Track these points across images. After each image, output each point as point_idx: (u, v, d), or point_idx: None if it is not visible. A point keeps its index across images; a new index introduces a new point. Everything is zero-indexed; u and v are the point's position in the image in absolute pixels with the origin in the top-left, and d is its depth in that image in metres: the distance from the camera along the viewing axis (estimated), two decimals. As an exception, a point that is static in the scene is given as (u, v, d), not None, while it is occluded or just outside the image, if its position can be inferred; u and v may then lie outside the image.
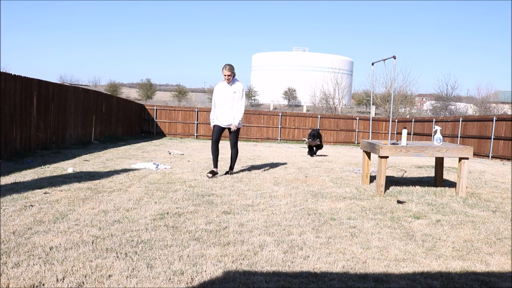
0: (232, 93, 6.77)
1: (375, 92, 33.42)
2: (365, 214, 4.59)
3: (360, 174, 7.54)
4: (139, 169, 7.44)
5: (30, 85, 9.51)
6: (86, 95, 13.62)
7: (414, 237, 3.76)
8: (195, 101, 58.67)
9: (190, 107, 23.68)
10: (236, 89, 6.81)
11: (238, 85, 6.84)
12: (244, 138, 22.92)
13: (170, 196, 5.13)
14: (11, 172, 6.41)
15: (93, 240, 3.29)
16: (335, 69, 41.51)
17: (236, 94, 6.80)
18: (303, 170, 8.08)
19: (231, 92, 6.78)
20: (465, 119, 17.39)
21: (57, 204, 4.42)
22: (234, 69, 6.75)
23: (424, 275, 2.88)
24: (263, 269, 2.86)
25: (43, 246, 3.10)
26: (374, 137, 22.89)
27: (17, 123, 8.90)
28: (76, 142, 12.44)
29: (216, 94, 6.94)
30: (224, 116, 6.84)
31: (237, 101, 6.83)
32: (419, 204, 5.17)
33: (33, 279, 2.53)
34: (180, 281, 2.61)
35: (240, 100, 6.83)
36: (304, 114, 24.46)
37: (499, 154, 14.82)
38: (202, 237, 3.51)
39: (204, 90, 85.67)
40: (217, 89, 6.94)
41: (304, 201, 5.15)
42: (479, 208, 5.06)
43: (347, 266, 2.98)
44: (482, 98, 41.07)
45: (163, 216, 4.14)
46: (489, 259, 3.27)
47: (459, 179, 5.82)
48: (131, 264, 2.83)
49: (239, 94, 6.81)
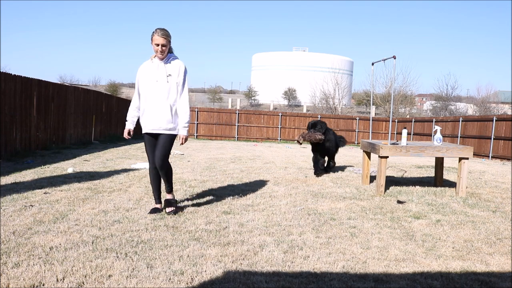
0: (166, 76, 4.10)
1: (375, 92, 33.44)
2: (365, 214, 4.59)
3: (360, 174, 7.53)
4: (139, 169, 7.44)
5: (30, 85, 9.51)
6: (86, 95, 13.62)
7: (414, 237, 3.76)
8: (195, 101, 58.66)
9: (190, 107, 23.63)
10: (173, 71, 4.12)
11: (177, 64, 4.16)
12: (244, 138, 22.94)
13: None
14: (11, 172, 6.41)
15: (93, 240, 3.29)
16: (335, 69, 41.54)
17: (173, 78, 4.10)
18: (303, 170, 8.08)
19: (164, 74, 4.11)
20: (465, 119, 17.39)
21: (57, 204, 4.41)
22: (170, 37, 4.13)
23: (424, 275, 2.88)
24: (263, 269, 2.86)
25: (43, 246, 3.10)
26: (374, 137, 22.89)
27: (17, 123, 8.90)
28: (76, 142, 12.44)
29: (140, 80, 4.20)
30: (154, 116, 4.14)
31: (176, 90, 4.12)
32: (419, 204, 5.17)
33: (33, 279, 2.53)
34: (180, 281, 2.61)
35: (181, 90, 4.18)
36: (304, 114, 24.47)
37: (499, 154, 14.82)
38: (202, 237, 3.51)
39: (204, 90, 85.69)
40: (141, 72, 4.20)
41: (304, 201, 5.15)
42: (479, 208, 5.06)
43: (347, 266, 2.98)
44: (482, 98, 41.08)
45: (163, 216, 4.14)
46: (489, 259, 3.27)
47: (459, 179, 5.82)
48: (131, 264, 2.83)
49: (179, 78, 4.14)
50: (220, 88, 79.46)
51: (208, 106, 44.35)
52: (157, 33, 4.02)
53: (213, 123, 22.65)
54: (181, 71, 4.14)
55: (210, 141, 20.05)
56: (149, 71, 4.12)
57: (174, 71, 4.10)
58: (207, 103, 62.28)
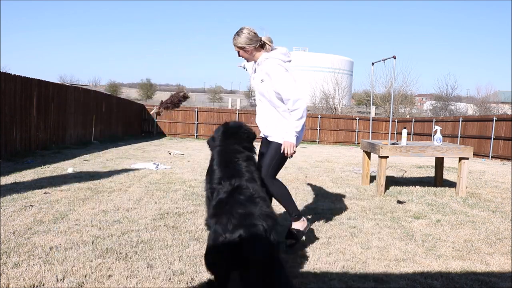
0: (259, 83, 3.34)
1: (375, 92, 33.44)
2: (365, 214, 4.59)
3: (360, 174, 7.53)
4: (139, 169, 7.44)
5: (30, 85, 9.51)
6: (86, 95, 13.62)
7: (414, 237, 3.76)
8: (195, 101, 58.66)
9: (190, 107, 23.67)
10: (264, 75, 3.26)
11: (267, 67, 3.25)
12: (244, 138, 22.89)
13: (170, 196, 5.13)
14: (11, 172, 6.40)
15: (93, 240, 3.29)
16: (335, 69, 41.51)
17: (265, 85, 3.27)
18: (303, 170, 8.07)
19: (257, 81, 3.36)
20: (465, 119, 17.39)
21: (57, 204, 4.41)
22: (252, 35, 3.25)
23: (424, 275, 2.88)
24: (263, 269, 2.86)
25: (43, 246, 3.10)
26: (374, 137, 22.88)
27: (17, 123, 8.90)
28: (76, 142, 12.43)
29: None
30: (259, 122, 3.59)
31: (270, 99, 3.29)
32: (419, 204, 5.17)
33: (33, 279, 2.53)
34: (180, 281, 2.60)
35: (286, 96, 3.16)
36: (304, 114, 24.44)
37: (499, 154, 14.82)
38: (202, 237, 3.51)
39: (204, 90, 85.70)
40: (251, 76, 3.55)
41: (304, 201, 5.14)
42: (479, 208, 5.06)
43: (347, 266, 2.98)
44: (482, 98, 41.03)
45: (163, 216, 4.14)
46: (489, 259, 3.27)
47: (459, 179, 5.82)
48: (131, 264, 2.83)
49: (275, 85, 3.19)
50: (220, 88, 79.42)
51: (208, 106, 44.34)
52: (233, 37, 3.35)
53: (213, 123, 22.63)
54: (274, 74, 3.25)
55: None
56: (251, 77, 3.58)
57: (265, 76, 3.31)
58: (207, 103, 62.26)
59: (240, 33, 3.27)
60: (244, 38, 3.25)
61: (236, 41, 3.29)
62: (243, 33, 3.26)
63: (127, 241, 3.30)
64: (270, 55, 3.29)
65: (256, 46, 3.29)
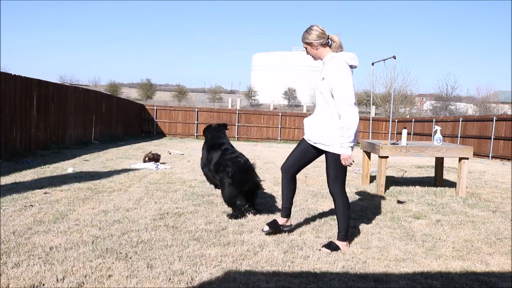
0: (320, 81, 3.39)
1: (375, 92, 33.41)
2: (365, 214, 4.59)
3: (360, 174, 7.53)
4: (139, 169, 7.44)
5: (30, 85, 9.51)
6: (86, 95, 13.62)
7: (414, 237, 3.76)
8: (195, 101, 58.67)
9: (190, 107, 23.69)
10: (326, 72, 3.32)
11: (330, 65, 3.31)
12: (244, 138, 22.94)
13: (170, 196, 5.13)
14: (11, 172, 6.40)
15: (93, 240, 3.29)
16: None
17: (325, 83, 3.31)
18: (303, 170, 8.07)
19: (319, 79, 3.41)
20: (465, 119, 17.39)
21: (57, 204, 4.41)
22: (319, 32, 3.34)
23: (424, 275, 2.88)
24: (263, 269, 2.86)
25: (43, 246, 3.10)
26: (374, 137, 22.88)
27: (17, 123, 8.90)
28: (76, 142, 12.44)
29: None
30: (308, 125, 3.52)
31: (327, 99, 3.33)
32: (419, 204, 5.17)
33: (33, 279, 2.53)
34: (180, 281, 2.60)
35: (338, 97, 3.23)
36: (304, 114, 24.48)
37: (499, 154, 14.82)
38: (202, 237, 3.51)
39: (204, 90, 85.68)
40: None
41: (304, 201, 5.15)
42: (479, 208, 5.06)
43: (347, 266, 2.98)
44: (482, 98, 41.04)
45: (163, 216, 4.14)
46: (489, 259, 3.27)
47: (459, 179, 5.82)
48: (131, 264, 2.83)
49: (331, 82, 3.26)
50: (220, 88, 79.43)
51: (208, 106, 44.33)
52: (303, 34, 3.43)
53: (213, 123, 22.64)
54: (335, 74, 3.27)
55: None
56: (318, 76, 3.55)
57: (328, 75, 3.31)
58: (207, 103, 62.25)
59: (309, 30, 3.39)
60: (312, 34, 3.36)
61: (304, 37, 3.40)
62: (312, 29, 3.37)
63: (127, 241, 3.30)
64: (337, 55, 3.36)
65: (323, 43, 3.37)
